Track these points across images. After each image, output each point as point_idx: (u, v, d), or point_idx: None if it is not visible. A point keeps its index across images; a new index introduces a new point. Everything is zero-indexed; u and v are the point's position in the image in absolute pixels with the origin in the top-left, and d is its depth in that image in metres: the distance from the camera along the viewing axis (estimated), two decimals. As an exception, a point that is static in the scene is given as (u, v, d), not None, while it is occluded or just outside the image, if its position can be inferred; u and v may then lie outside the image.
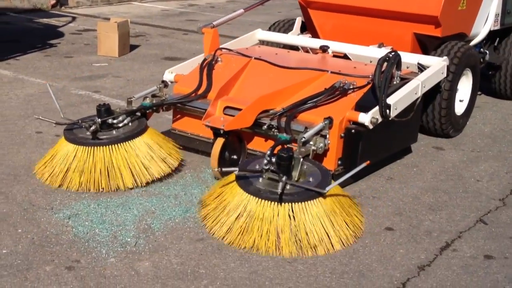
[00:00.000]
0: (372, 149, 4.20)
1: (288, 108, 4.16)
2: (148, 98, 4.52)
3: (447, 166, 4.84)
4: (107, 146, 4.06)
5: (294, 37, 5.79)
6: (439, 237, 3.73)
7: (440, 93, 4.97)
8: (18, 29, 9.86)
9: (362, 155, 4.05)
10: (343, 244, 3.43)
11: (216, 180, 4.13)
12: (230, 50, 5.10)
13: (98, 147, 4.05)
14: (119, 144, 4.08)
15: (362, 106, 4.13)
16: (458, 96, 5.31)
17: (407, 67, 4.85)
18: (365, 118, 4.02)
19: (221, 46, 5.20)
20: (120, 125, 4.22)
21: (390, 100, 4.15)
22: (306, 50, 5.58)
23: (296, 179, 3.56)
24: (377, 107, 4.06)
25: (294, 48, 5.74)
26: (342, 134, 4.07)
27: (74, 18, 11.25)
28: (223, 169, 3.78)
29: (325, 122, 3.96)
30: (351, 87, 4.28)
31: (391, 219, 3.94)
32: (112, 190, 4.01)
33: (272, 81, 4.58)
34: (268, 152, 3.54)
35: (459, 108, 5.37)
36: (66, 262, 3.28)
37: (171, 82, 4.97)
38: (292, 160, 3.52)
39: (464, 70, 5.24)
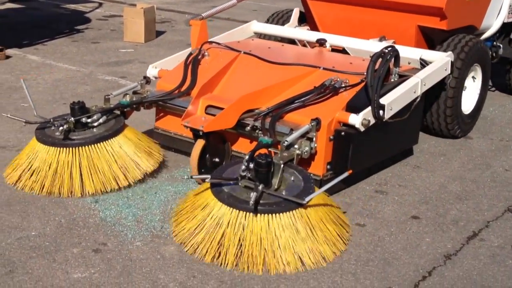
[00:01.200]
0: (365, 152, 4.00)
1: (273, 108, 3.92)
2: (128, 95, 4.27)
3: (475, 155, 4.83)
4: (78, 147, 3.84)
5: (290, 30, 5.58)
6: (466, 227, 3.75)
7: (445, 91, 4.77)
8: (46, 15, 10.07)
9: (353, 159, 3.84)
10: (319, 261, 3.21)
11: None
12: (218, 43, 4.86)
13: (69, 148, 3.83)
14: (92, 146, 3.87)
15: (354, 106, 3.90)
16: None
17: (409, 63, 4.71)
18: (355, 120, 3.78)
19: (211, 39, 4.97)
20: (95, 124, 4.01)
21: (384, 100, 3.92)
22: (303, 43, 5.42)
23: (276, 187, 3.34)
24: (369, 108, 3.85)
25: (292, 41, 5.49)
26: (332, 137, 3.83)
27: (100, 4, 11.40)
28: (194, 176, 3.57)
29: (312, 123, 3.72)
30: (343, 85, 4.03)
31: (417, 207, 3.98)
32: (82, 195, 3.83)
33: (261, 77, 4.34)
34: (247, 157, 3.29)
35: (467, 106, 5.17)
36: (93, 245, 3.39)
37: (156, 77, 4.75)
38: (271, 167, 3.30)
39: (472, 65, 5.04)
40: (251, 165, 3.26)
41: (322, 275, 3.16)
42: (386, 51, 4.09)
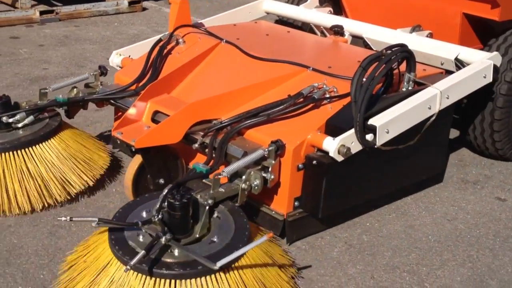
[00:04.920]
0: (348, 188, 3.06)
1: (228, 121, 3.05)
2: (75, 89, 3.58)
3: None
4: None
5: (304, 12, 4.55)
6: None
7: (493, 100, 3.67)
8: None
9: (328, 197, 2.94)
10: None
11: None
12: (197, 27, 3.96)
13: None
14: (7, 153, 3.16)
15: (335, 126, 2.94)
16: None
17: (442, 64, 3.64)
18: (330, 146, 2.82)
19: (203, 21, 4.16)
20: (20, 125, 3.30)
21: (377, 120, 2.91)
22: (321, 30, 4.45)
23: (197, 235, 2.49)
24: (352, 131, 2.88)
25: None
26: (301, 165, 2.91)
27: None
28: (74, 219, 2.53)
29: (269, 148, 2.80)
30: (327, 95, 3.08)
31: None
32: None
33: (235, 76, 3.48)
34: (164, 192, 2.47)
35: None
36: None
37: (120, 67, 3.97)
38: (190, 209, 2.47)
39: None
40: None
41: (456, 248, 3.06)
42: (388, 52, 3.05)
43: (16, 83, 5.05)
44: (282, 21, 4.89)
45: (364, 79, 2.93)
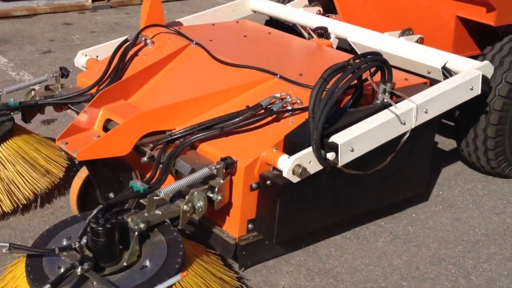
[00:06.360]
0: (308, 210, 2.77)
1: (179, 133, 2.77)
2: (33, 91, 3.38)
3: None
4: None
5: (291, 11, 4.29)
6: None
7: (487, 114, 3.37)
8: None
9: (283, 220, 2.64)
10: None
11: None
12: (170, 27, 3.67)
13: None
14: None
15: (295, 142, 2.65)
16: None
17: (429, 72, 3.34)
18: (284, 165, 2.53)
19: (181, 19, 3.92)
20: None
21: (339, 138, 2.60)
22: (308, 31, 4.22)
23: (125, 263, 2.23)
24: (309, 149, 2.57)
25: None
26: (255, 185, 2.64)
27: None
28: None
29: (218, 165, 2.53)
30: (289, 107, 2.80)
31: None
32: None
33: (198, 82, 3.22)
34: (94, 213, 2.25)
35: None
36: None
37: (86, 68, 3.78)
38: (115, 235, 2.22)
39: None
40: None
41: (504, 242, 3.07)
42: (355, 61, 2.75)
43: (68, 68, 5.02)
44: (273, 20, 4.60)
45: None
